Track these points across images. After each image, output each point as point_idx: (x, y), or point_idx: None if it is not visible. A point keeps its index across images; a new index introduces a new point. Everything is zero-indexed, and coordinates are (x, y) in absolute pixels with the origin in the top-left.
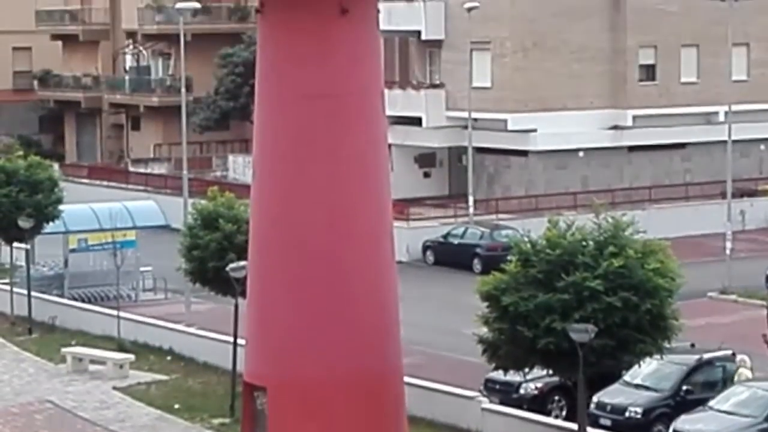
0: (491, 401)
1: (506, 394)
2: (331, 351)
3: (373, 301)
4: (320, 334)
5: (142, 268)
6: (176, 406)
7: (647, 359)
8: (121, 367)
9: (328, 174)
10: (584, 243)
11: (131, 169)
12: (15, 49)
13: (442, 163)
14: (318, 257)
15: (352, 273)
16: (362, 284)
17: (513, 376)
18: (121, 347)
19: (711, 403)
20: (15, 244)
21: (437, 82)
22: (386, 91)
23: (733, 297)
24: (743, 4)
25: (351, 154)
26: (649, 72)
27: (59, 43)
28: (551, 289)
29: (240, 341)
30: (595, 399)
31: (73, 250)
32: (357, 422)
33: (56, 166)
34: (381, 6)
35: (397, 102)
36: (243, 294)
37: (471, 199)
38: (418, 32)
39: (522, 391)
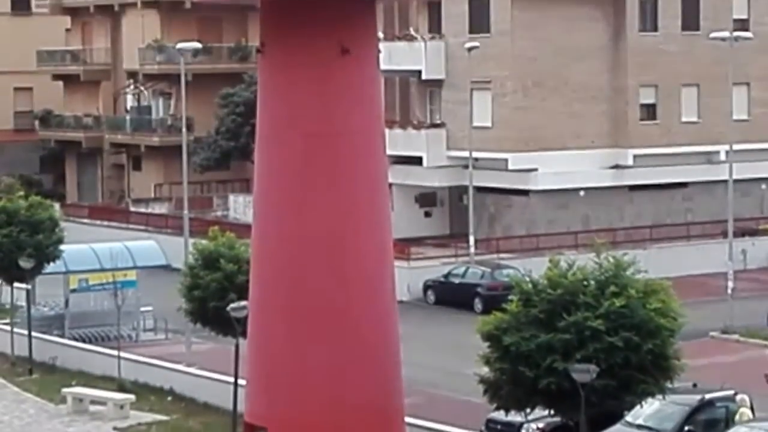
0: None
1: (508, 430)
2: (332, 391)
3: (374, 341)
4: (321, 374)
5: (142, 308)
6: None
7: (649, 399)
8: (121, 407)
9: (329, 213)
10: (585, 282)
11: (132, 208)
12: (16, 89)
13: (443, 203)
14: (319, 297)
15: (353, 313)
16: (363, 324)
17: (515, 417)
18: (122, 387)
19: None
20: (16, 284)
21: (438, 121)
22: (387, 130)
23: (735, 337)
24: (743, 44)
25: (352, 193)
26: (649, 111)
27: (60, 83)
28: (553, 328)
29: (241, 381)
30: None
31: (73, 290)
32: None
33: (57, 206)
34: (382, 46)
35: (397, 141)
36: (244, 334)
37: (472, 238)
38: (419, 72)
39: (523, 430)
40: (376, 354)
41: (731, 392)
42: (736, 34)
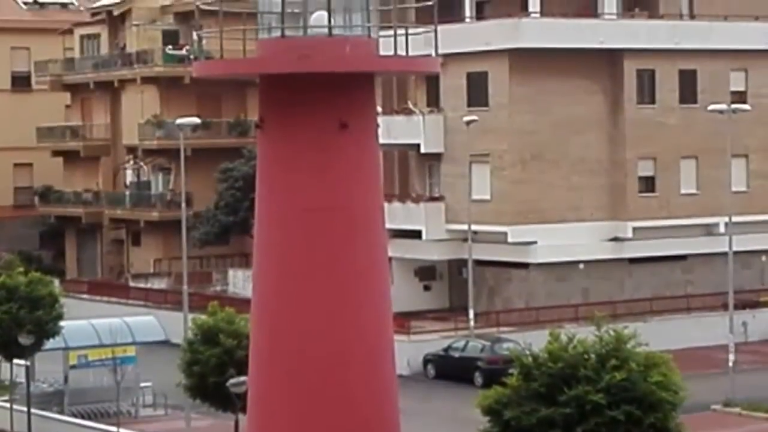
0: None
1: None
2: None
3: (374, 416)
4: None
5: (142, 384)
6: None
7: None
8: None
9: (329, 288)
10: (586, 356)
11: (131, 284)
12: (16, 165)
13: (442, 276)
14: (319, 372)
15: (352, 388)
16: (363, 399)
17: None
18: None
19: None
20: (15, 361)
21: (437, 194)
22: (386, 204)
23: (738, 410)
24: (741, 116)
25: (351, 267)
26: (648, 184)
27: (60, 158)
28: (553, 402)
29: None
30: None
31: (73, 367)
32: None
33: (57, 281)
34: (380, 120)
35: (396, 215)
36: (243, 410)
37: (471, 312)
38: (418, 145)
39: None
40: (375, 429)
41: None
42: (733, 106)
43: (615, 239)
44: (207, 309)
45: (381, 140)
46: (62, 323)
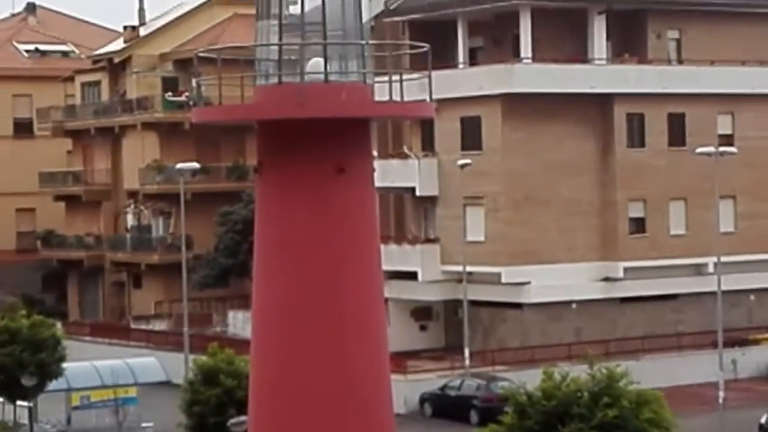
0: None
1: None
2: None
3: None
4: None
5: (143, 424)
6: None
7: None
8: None
9: (327, 330)
10: (579, 394)
11: (133, 326)
12: (18, 210)
13: (438, 317)
14: (318, 413)
15: (351, 427)
16: None
17: None
18: None
19: None
20: (18, 402)
21: (432, 236)
22: (382, 246)
23: None
24: (729, 159)
25: (348, 309)
26: (638, 225)
27: (62, 203)
28: None
29: None
30: None
31: (75, 407)
32: None
33: (59, 324)
34: (376, 164)
35: (392, 257)
36: None
37: (467, 351)
38: (413, 189)
39: None
40: None
41: None
42: (721, 149)
43: (606, 279)
44: (207, 350)
45: (377, 184)
46: (65, 365)
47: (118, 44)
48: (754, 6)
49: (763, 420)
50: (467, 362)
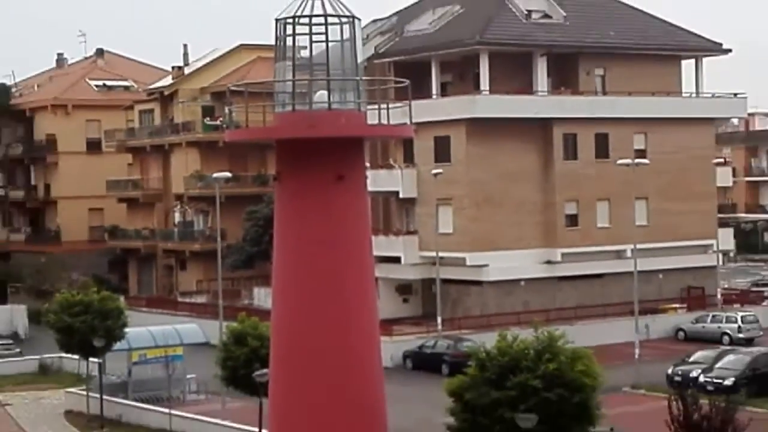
0: None
1: None
2: None
3: (367, 398)
4: (324, 425)
5: (188, 376)
6: None
7: None
8: None
9: (331, 303)
10: (527, 351)
11: (179, 299)
12: (90, 209)
13: (417, 292)
14: (324, 365)
15: (350, 376)
16: (358, 385)
17: None
18: None
19: None
20: (90, 359)
21: (412, 229)
22: (373, 237)
23: (642, 391)
24: (642, 168)
25: (348, 286)
26: (572, 220)
27: (124, 204)
28: (502, 387)
29: (264, 431)
30: None
31: (135, 363)
32: None
33: (122, 298)
34: (368, 173)
35: (381, 245)
36: (266, 394)
37: (439, 318)
38: (397, 192)
39: None
40: (366, 409)
41: None
42: (636, 161)
43: (548, 262)
44: (237, 318)
45: (369, 188)
46: (126, 330)
47: (167, 80)
48: (660, 50)
49: (669, 371)
50: (439, 327)
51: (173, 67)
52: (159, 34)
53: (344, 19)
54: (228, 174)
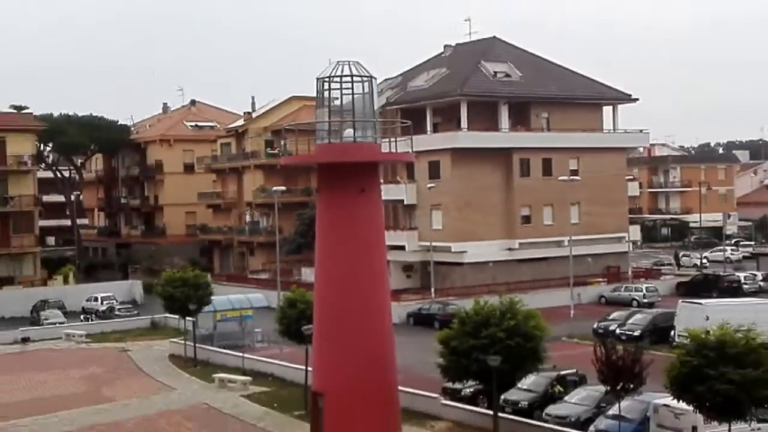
0: (446, 399)
1: (454, 395)
2: (355, 374)
3: (381, 345)
4: (349, 366)
5: (255, 330)
6: (275, 405)
7: (530, 375)
8: (245, 384)
9: (356, 277)
10: (494, 312)
11: (249, 276)
12: (186, 213)
13: (416, 270)
14: (350, 321)
15: (369, 328)
16: (376, 336)
17: (458, 385)
18: (245, 373)
19: (565, 398)
20: (187, 318)
21: (413, 226)
22: (386, 231)
23: (575, 340)
24: (575, 183)
25: (369, 266)
26: (526, 219)
27: (210, 210)
28: (477, 337)
29: (309, 369)
30: (502, 397)
31: (218, 321)
32: (370, 414)
33: (209, 275)
34: (382, 187)
35: (391, 237)
36: (310, 342)
37: (433, 289)
38: (402, 200)
39: (463, 393)
40: (381, 352)
41: (573, 370)
42: (571, 177)
43: (509, 249)
44: (290, 289)
45: (383, 197)
46: (212, 297)
47: (240, 122)
48: (587, 99)
49: (594, 326)
50: (432, 295)
51: (244, 113)
52: (234, 88)
53: (364, 78)
54: (283, 188)
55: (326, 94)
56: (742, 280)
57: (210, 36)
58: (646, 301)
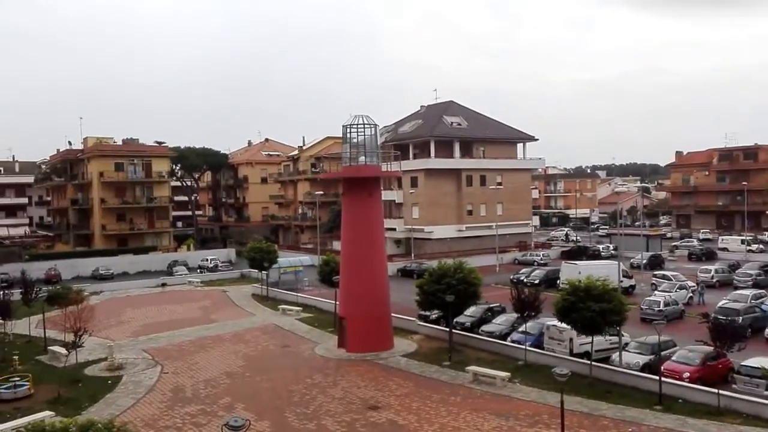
0: (420, 321)
1: (425, 318)
2: (364, 306)
3: (380, 288)
4: (362, 301)
5: (304, 279)
6: (315, 324)
7: (471, 306)
8: (297, 312)
9: (366, 248)
10: (450, 268)
11: (301, 246)
12: (262, 207)
13: (403, 243)
14: (361, 274)
15: (373, 278)
16: (377, 282)
17: (427, 313)
18: (298, 305)
19: (493, 321)
20: (262, 272)
21: (401, 216)
22: (384, 219)
23: (500, 285)
24: (500, 189)
25: (374, 240)
26: (470, 212)
27: (277, 205)
28: (439, 283)
29: (337, 303)
30: (454, 320)
31: (282, 274)
32: (374, 330)
33: (276, 246)
34: (382, 192)
35: (387, 223)
36: (338, 286)
37: (413, 255)
38: (394, 200)
39: (430, 318)
40: (381, 292)
41: (498, 304)
42: (498, 186)
43: (459, 230)
44: (326, 254)
45: (383, 198)
46: (278, 259)
47: (296, 152)
48: (507, 139)
49: (511, 277)
50: (412, 258)
51: (298, 146)
52: (292, 132)
53: (371, 125)
54: (321, 192)
55: (348, 134)
56: (601, 250)
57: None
58: (542, 261)
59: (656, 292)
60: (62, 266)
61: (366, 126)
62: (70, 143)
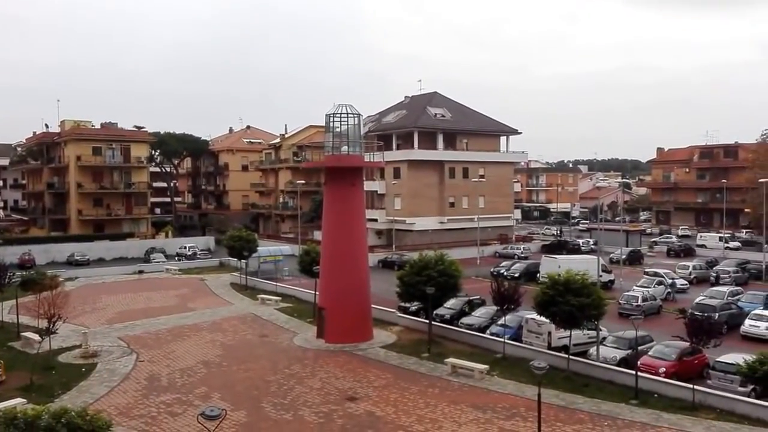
0: (400, 313)
1: (405, 310)
2: (344, 297)
3: (361, 279)
4: (342, 292)
5: (284, 268)
6: (295, 314)
7: (451, 299)
8: (277, 302)
9: (347, 237)
10: (431, 260)
11: (281, 235)
12: (242, 195)
13: (384, 234)
14: (342, 264)
15: (354, 269)
16: (357, 273)
17: (407, 305)
18: (277, 295)
19: (472, 313)
20: (242, 260)
21: (383, 206)
22: (366, 210)
23: (481, 278)
24: (482, 182)
25: (355, 231)
26: (452, 204)
27: (258, 193)
28: (420, 275)
29: (317, 293)
30: (434, 312)
31: (261, 262)
32: (354, 321)
33: (256, 235)
34: (364, 182)
35: (369, 213)
36: (318, 276)
37: (394, 246)
38: (377, 191)
39: (410, 310)
40: (361, 283)
41: (478, 296)
42: (480, 179)
43: (441, 222)
44: (307, 244)
45: (365, 189)
46: (258, 248)
47: (278, 140)
48: (491, 132)
49: (492, 269)
50: (393, 249)
51: (280, 134)
52: (274, 119)
53: (354, 115)
54: (303, 181)
55: (331, 123)
56: (581, 244)
57: (260, 81)
58: (523, 255)
59: (634, 287)
60: (37, 251)
61: (349, 115)
62: (46, 126)
